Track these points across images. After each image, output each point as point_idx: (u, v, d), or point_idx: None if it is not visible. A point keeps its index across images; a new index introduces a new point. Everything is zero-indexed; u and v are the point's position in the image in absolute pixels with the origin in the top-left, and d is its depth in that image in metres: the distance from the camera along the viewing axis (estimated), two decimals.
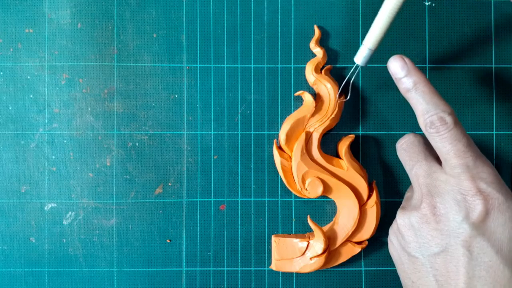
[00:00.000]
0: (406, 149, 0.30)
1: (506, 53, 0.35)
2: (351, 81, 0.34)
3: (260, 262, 0.35)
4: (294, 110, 0.35)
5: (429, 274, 0.27)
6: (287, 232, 0.35)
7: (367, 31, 0.34)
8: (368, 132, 0.35)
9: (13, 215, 0.35)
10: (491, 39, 0.35)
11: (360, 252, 0.35)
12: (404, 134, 0.35)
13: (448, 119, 0.27)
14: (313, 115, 0.33)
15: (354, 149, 0.35)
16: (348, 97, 0.34)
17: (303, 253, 0.33)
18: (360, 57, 0.31)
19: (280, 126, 0.35)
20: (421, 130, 0.30)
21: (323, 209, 0.35)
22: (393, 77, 0.30)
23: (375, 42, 0.30)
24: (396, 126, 0.35)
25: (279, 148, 0.34)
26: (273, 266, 0.34)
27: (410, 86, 0.28)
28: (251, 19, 0.35)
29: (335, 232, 0.34)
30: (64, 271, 0.35)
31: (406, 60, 0.29)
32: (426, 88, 0.28)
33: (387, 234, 0.35)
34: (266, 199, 0.35)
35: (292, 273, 0.35)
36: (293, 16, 0.35)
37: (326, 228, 0.34)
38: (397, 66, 0.29)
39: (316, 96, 0.34)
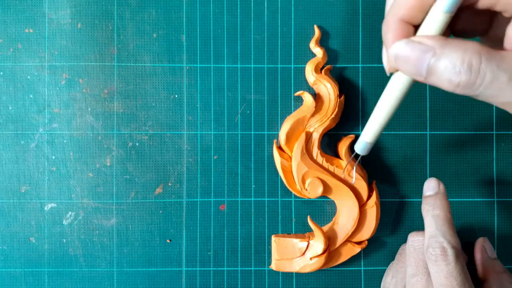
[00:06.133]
0: (416, 250, 0.30)
1: None
2: (355, 166, 0.33)
3: (260, 262, 0.35)
4: (294, 110, 0.35)
5: None
6: (287, 232, 0.35)
7: (367, 31, 0.35)
8: None
9: (13, 215, 0.35)
10: None
11: (360, 252, 0.35)
12: (404, 134, 0.35)
13: (450, 252, 0.27)
14: (313, 115, 0.33)
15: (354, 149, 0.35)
16: (353, 181, 0.33)
17: (303, 253, 0.33)
18: (359, 148, 0.29)
19: (280, 126, 0.35)
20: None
21: (323, 209, 0.35)
22: (423, 194, 0.31)
23: (374, 136, 0.28)
24: (396, 126, 0.35)
25: (279, 148, 0.34)
26: (273, 266, 0.34)
27: (430, 208, 0.29)
28: (251, 19, 0.35)
29: (335, 232, 0.34)
30: (64, 271, 0.35)
31: (441, 185, 0.30)
32: (442, 214, 0.29)
33: (386, 234, 0.35)
34: (266, 199, 0.35)
35: (292, 273, 0.35)
36: (293, 16, 0.35)
37: (326, 228, 0.34)
38: (429, 186, 0.30)
39: (316, 96, 0.34)
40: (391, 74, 0.25)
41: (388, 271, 0.33)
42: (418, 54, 0.21)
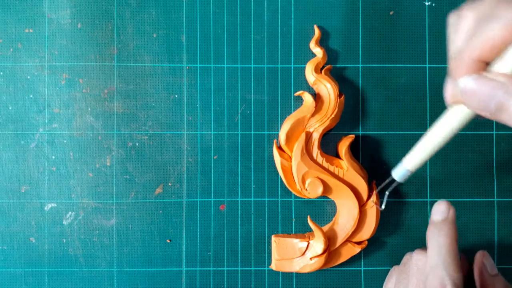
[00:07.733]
0: (419, 270, 0.29)
1: None
2: (387, 192, 0.33)
3: (260, 262, 0.35)
4: (294, 110, 0.35)
5: None
6: (287, 232, 0.35)
7: (367, 31, 0.35)
8: (368, 132, 0.35)
9: (13, 215, 0.35)
10: None
11: (359, 252, 0.35)
12: (404, 134, 0.35)
13: None
14: (313, 115, 0.33)
15: (354, 149, 0.35)
16: (383, 208, 0.33)
17: (303, 253, 0.33)
18: (397, 174, 0.30)
19: (280, 126, 0.35)
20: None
21: (323, 209, 0.35)
22: (431, 217, 0.30)
23: (418, 165, 0.28)
24: (396, 126, 0.35)
25: (279, 148, 0.34)
26: (273, 266, 0.34)
27: (436, 231, 0.28)
28: (251, 19, 0.35)
29: (335, 232, 0.34)
30: (64, 271, 0.35)
31: (451, 210, 0.29)
32: (447, 242, 0.28)
33: (386, 234, 0.35)
34: (266, 199, 0.35)
35: (292, 273, 0.35)
36: (293, 16, 0.35)
37: (326, 228, 0.34)
38: (439, 209, 0.29)
39: (316, 96, 0.34)
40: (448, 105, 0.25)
41: (391, 276, 0.32)
42: (489, 89, 0.21)
